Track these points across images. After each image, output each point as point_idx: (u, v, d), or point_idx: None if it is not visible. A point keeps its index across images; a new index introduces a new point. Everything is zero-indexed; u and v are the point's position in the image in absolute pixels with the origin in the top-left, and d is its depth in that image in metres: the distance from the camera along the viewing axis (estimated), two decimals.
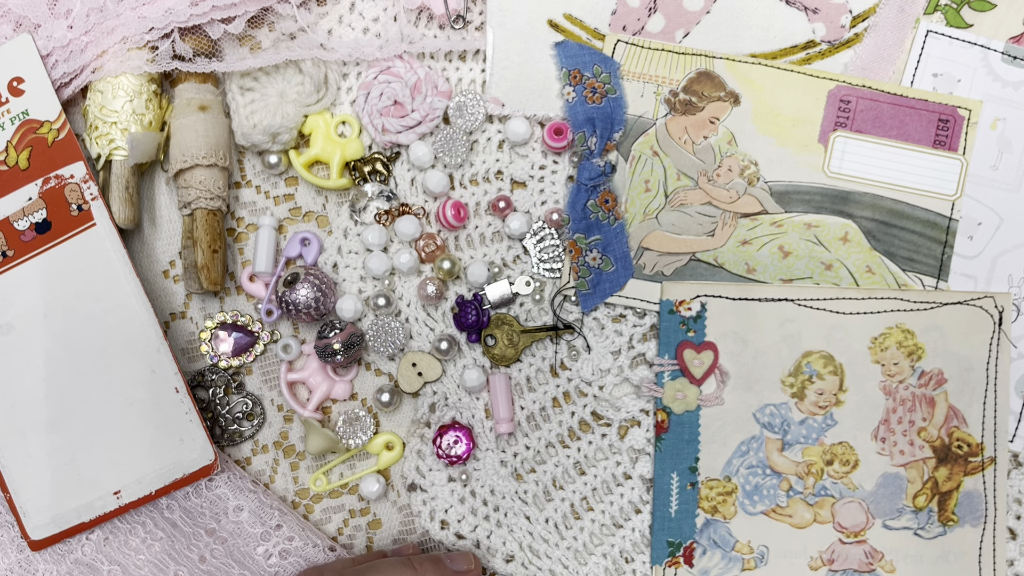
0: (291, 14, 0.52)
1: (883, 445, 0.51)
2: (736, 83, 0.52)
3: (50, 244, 0.49)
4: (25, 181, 0.49)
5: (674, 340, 0.51)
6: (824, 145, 0.52)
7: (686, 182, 0.52)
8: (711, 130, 0.52)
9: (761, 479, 0.51)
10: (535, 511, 0.52)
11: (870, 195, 0.52)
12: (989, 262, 0.52)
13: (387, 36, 0.52)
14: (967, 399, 0.51)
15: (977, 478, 0.51)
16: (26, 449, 0.48)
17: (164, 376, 0.49)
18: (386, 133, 0.52)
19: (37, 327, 0.49)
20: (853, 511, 0.51)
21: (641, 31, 0.52)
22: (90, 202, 0.49)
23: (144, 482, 0.49)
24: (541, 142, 0.53)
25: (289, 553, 0.50)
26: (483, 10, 0.53)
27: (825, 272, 0.52)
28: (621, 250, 0.52)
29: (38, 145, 0.50)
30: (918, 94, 0.52)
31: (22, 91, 0.50)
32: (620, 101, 0.52)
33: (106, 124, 0.50)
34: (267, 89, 0.52)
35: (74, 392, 0.49)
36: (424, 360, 0.52)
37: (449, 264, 0.51)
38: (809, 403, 0.51)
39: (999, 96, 0.52)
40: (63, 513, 0.49)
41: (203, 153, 0.50)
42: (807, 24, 0.52)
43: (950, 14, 0.53)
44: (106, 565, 0.50)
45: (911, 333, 0.51)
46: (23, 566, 0.50)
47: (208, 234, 0.51)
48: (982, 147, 0.52)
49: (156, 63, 0.50)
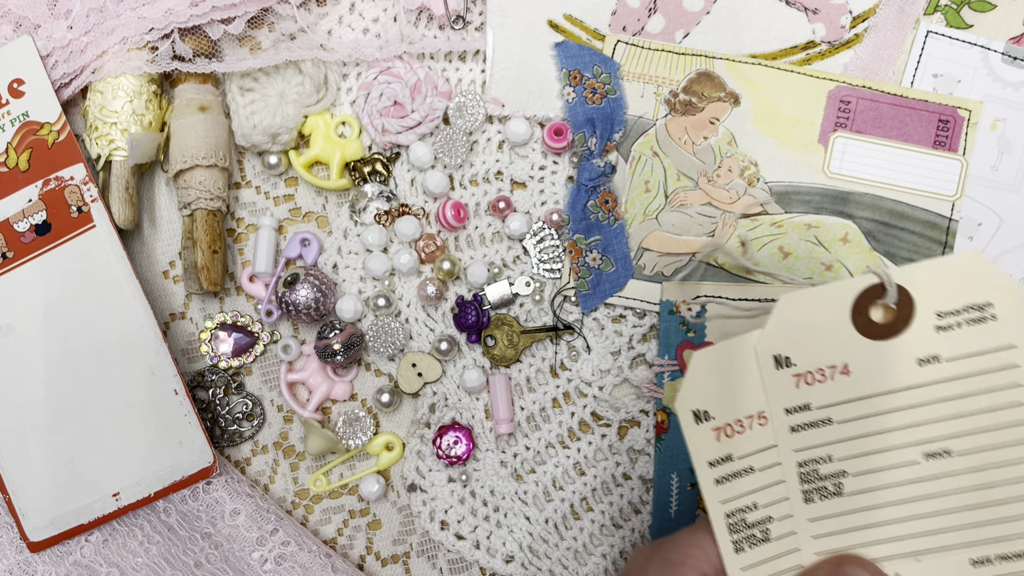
0: (291, 14, 0.52)
1: None
2: (736, 83, 0.52)
3: (50, 246, 0.49)
4: (25, 183, 0.49)
5: (674, 341, 0.51)
6: (824, 145, 0.52)
7: (686, 183, 0.52)
8: (711, 131, 0.52)
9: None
10: (535, 511, 0.52)
11: (870, 196, 0.52)
12: None
13: (387, 36, 0.52)
14: None
15: None
16: (25, 451, 0.48)
17: (163, 378, 0.49)
18: (386, 134, 0.52)
19: (37, 329, 0.49)
20: None
21: (641, 31, 0.52)
22: (90, 204, 0.49)
23: (143, 484, 0.49)
24: (541, 142, 0.53)
25: (284, 559, 0.50)
26: (483, 10, 0.53)
27: (825, 273, 0.52)
28: (621, 250, 0.51)
29: (38, 147, 0.50)
30: (918, 95, 0.52)
31: (22, 93, 0.50)
32: (620, 101, 0.52)
33: (106, 125, 0.50)
34: (267, 89, 0.52)
35: (74, 394, 0.49)
36: (424, 361, 0.52)
37: (449, 264, 0.51)
38: None
39: (999, 96, 0.52)
40: (62, 515, 0.49)
41: (203, 154, 0.50)
42: (807, 24, 0.52)
43: (950, 15, 0.53)
44: (104, 567, 0.50)
45: None
46: (22, 567, 0.50)
47: (208, 235, 0.51)
48: (982, 148, 0.52)
49: (156, 63, 0.50)
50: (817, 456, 0.37)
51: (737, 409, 0.37)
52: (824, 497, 0.37)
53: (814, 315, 0.36)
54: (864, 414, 0.36)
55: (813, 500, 0.37)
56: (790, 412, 0.37)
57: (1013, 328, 0.35)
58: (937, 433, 0.36)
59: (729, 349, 0.37)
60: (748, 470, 0.37)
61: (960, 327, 0.36)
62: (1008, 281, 0.35)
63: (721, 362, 0.37)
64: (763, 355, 0.36)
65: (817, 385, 0.36)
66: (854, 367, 0.36)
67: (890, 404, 0.36)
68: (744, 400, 0.37)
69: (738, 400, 0.37)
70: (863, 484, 0.37)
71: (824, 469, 0.37)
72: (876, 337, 0.36)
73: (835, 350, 0.36)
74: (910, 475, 0.36)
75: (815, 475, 0.37)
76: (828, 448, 0.37)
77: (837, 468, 0.37)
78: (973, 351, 0.36)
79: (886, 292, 0.35)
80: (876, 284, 0.35)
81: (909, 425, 0.36)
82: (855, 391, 0.36)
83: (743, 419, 0.37)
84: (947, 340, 0.36)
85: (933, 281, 0.36)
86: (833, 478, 0.37)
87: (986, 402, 0.36)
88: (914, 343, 0.36)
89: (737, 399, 0.37)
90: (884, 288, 0.35)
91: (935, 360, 0.36)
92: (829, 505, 0.37)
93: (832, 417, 0.37)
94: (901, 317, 0.36)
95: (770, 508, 0.37)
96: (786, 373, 0.36)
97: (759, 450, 0.37)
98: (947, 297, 0.36)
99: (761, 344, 0.36)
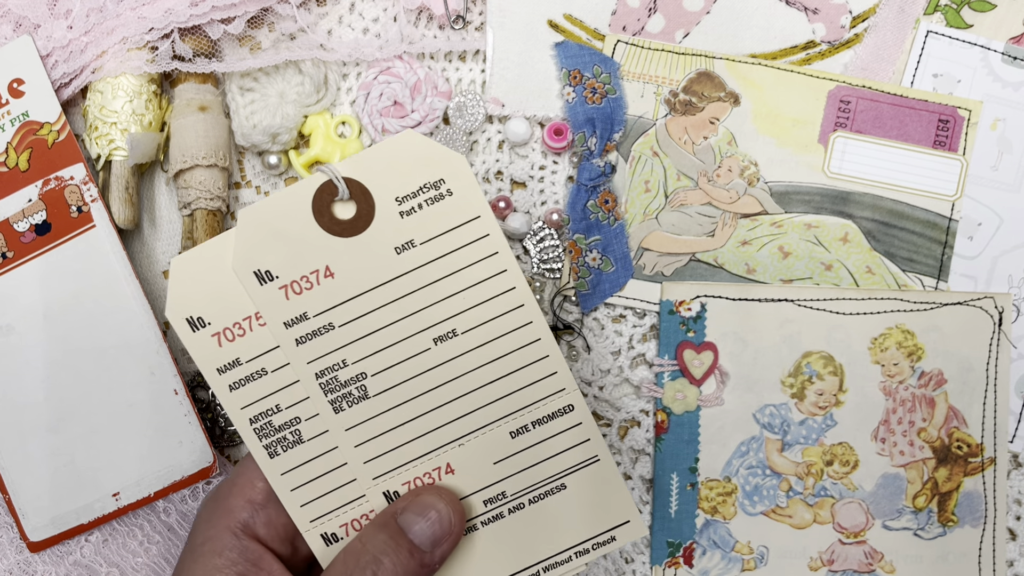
0: (291, 14, 0.52)
1: (883, 446, 0.51)
2: (736, 83, 0.52)
3: (50, 246, 0.49)
4: (25, 183, 0.49)
5: (674, 340, 0.51)
6: (824, 145, 0.52)
7: (686, 182, 0.52)
8: (711, 130, 0.52)
9: (761, 480, 0.51)
10: None
11: (870, 195, 0.52)
12: (989, 263, 0.52)
13: (387, 36, 0.52)
14: (967, 400, 0.51)
15: (977, 479, 0.51)
16: (25, 450, 0.48)
17: (163, 378, 0.49)
18: (386, 134, 0.52)
19: (37, 329, 0.49)
20: (853, 512, 0.51)
21: (641, 31, 0.52)
22: (90, 204, 0.49)
23: (143, 484, 0.49)
24: (541, 142, 0.53)
25: None
26: (483, 10, 0.53)
27: (825, 272, 0.52)
28: (621, 250, 0.52)
29: (38, 147, 0.49)
30: (918, 94, 0.52)
31: (22, 92, 0.50)
32: (620, 101, 0.52)
33: (106, 124, 0.50)
34: (267, 89, 0.52)
35: (73, 394, 0.49)
36: None
37: None
38: (809, 404, 0.51)
39: (999, 96, 0.52)
40: (62, 515, 0.49)
41: (203, 153, 0.50)
42: (807, 24, 0.52)
43: (950, 14, 0.53)
44: (104, 567, 0.50)
45: (911, 334, 0.51)
46: (22, 567, 0.50)
47: (208, 234, 0.51)
48: (982, 147, 0.52)
49: (156, 63, 0.50)
50: (331, 363, 0.36)
51: (231, 313, 0.36)
52: (352, 403, 0.37)
53: (278, 224, 0.35)
54: (362, 312, 0.36)
55: (343, 408, 0.37)
56: (289, 325, 0.36)
57: (470, 199, 0.36)
58: (438, 316, 0.37)
59: (207, 253, 0.36)
60: (261, 372, 0.37)
61: (423, 208, 0.36)
62: (449, 153, 0.36)
63: (204, 267, 0.36)
64: (243, 274, 0.36)
65: (306, 293, 0.36)
66: (336, 268, 0.36)
67: (385, 297, 0.36)
68: (235, 303, 0.36)
69: (229, 304, 0.36)
70: (386, 382, 0.37)
71: (343, 375, 0.36)
72: (347, 234, 0.36)
73: (312, 255, 0.36)
74: (428, 362, 0.37)
75: (336, 383, 0.36)
76: (340, 353, 0.36)
77: (356, 372, 0.36)
78: (443, 229, 0.36)
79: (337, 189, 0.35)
80: (328, 181, 0.35)
81: (409, 314, 0.36)
82: (346, 292, 0.36)
83: (240, 322, 0.36)
84: (415, 223, 0.36)
85: (383, 170, 0.36)
86: (355, 382, 0.37)
87: (473, 276, 0.37)
88: (386, 233, 0.36)
89: (228, 303, 0.36)
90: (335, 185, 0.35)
91: (411, 245, 0.36)
92: (360, 411, 0.37)
93: (333, 322, 0.36)
94: (365, 210, 0.36)
95: (295, 409, 0.37)
96: (272, 287, 0.36)
97: (266, 351, 0.37)
98: (401, 182, 0.36)
99: (236, 264, 0.36)
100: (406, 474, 0.38)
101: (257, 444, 0.37)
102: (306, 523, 0.37)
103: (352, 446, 0.37)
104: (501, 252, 0.37)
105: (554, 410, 0.38)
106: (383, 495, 0.38)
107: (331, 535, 0.38)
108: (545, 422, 0.38)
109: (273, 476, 0.37)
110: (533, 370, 0.38)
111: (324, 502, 0.37)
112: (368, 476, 0.37)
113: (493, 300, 0.37)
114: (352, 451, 0.37)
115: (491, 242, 0.37)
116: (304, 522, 0.37)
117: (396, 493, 0.38)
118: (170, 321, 0.36)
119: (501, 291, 0.37)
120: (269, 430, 0.37)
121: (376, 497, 0.37)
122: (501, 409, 0.38)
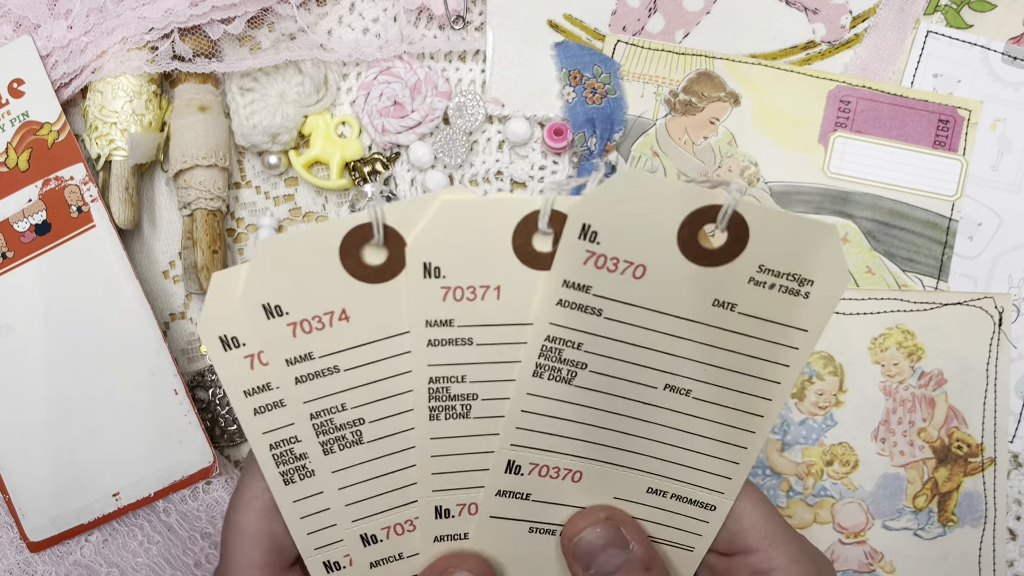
0: (291, 14, 0.52)
1: (883, 446, 0.51)
2: (736, 83, 0.52)
3: (50, 246, 0.49)
4: (25, 183, 0.49)
5: None
6: (824, 145, 0.52)
7: None
8: (711, 130, 0.52)
9: (761, 480, 0.51)
10: None
11: (870, 196, 0.52)
12: (989, 263, 0.52)
13: (387, 36, 0.52)
14: (967, 400, 0.51)
15: (977, 479, 0.51)
16: (25, 450, 0.48)
17: (163, 378, 0.49)
18: (386, 133, 0.52)
19: (37, 329, 0.49)
20: (853, 511, 0.51)
21: (641, 31, 0.52)
22: (90, 204, 0.49)
23: (143, 484, 0.49)
24: (541, 143, 0.53)
25: None
26: (483, 10, 0.53)
27: None
28: None
29: (38, 147, 0.49)
30: (918, 95, 0.52)
31: (22, 92, 0.50)
32: (620, 101, 0.52)
33: (106, 124, 0.50)
34: (267, 89, 0.52)
35: (73, 394, 0.49)
36: None
37: None
38: (809, 403, 0.51)
39: (999, 96, 0.52)
40: (62, 515, 0.49)
41: (203, 153, 0.50)
42: (807, 24, 0.52)
43: (950, 15, 0.53)
44: (104, 567, 0.50)
45: (911, 334, 0.51)
46: (22, 567, 0.50)
47: (208, 235, 0.51)
48: (982, 148, 0.52)
49: (156, 63, 0.50)
50: (329, 406, 0.35)
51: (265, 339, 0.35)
52: (343, 447, 0.36)
53: (299, 260, 0.33)
54: (372, 359, 0.35)
55: (333, 451, 0.36)
56: (291, 363, 0.35)
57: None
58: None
59: (238, 273, 0.34)
60: (281, 403, 0.35)
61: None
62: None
63: (237, 283, 0.34)
64: (250, 305, 0.34)
65: (316, 333, 0.34)
66: (353, 312, 0.34)
67: (400, 347, 0.35)
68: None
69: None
70: (382, 431, 0.36)
71: (339, 419, 0.35)
72: (372, 280, 0.34)
73: (330, 296, 0.34)
74: (416, 422, 0.36)
75: (331, 425, 0.35)
76: (341, 397, 0.35)
77: (352, 416, 0.35)
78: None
79: (374, 234, 0.33)
80: (363, 224, 0.33)
81: (409, 370, 0.35)
82: (359, 337, 0.35)
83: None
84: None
85: (409, 219, 0.34)
86: (351, 426, 0.36)
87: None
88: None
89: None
90: (372, 228, 0.33)
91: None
92: (351, 455, 0.36)
93: (339, 365, 0.35)
94: (396, 258, 0.34)
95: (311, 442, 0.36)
96: (280, 322, 0.34)
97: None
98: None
99: (244, 294, 0.34)
100: (386, 519, 0.37)
101: (274, 470, 0.36)
102: (310, 550, 0.37)
103: (336, 488, 0.36)
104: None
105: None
106: (359, 538, 0.37)
107: (333, 563, 0.38)
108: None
109: (285, 502, 0.37)
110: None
111: (329, 533, 0.37)
112: (348, 519, 0.37)
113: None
114: (336, 494, 0.37)
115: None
116: (308, 549, 0.37)
117: (374, 536, 0.37)
118: (201, 337, 0.34)
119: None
120: (289, 458, 0.36)
121: (353, 540, 0.37)
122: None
